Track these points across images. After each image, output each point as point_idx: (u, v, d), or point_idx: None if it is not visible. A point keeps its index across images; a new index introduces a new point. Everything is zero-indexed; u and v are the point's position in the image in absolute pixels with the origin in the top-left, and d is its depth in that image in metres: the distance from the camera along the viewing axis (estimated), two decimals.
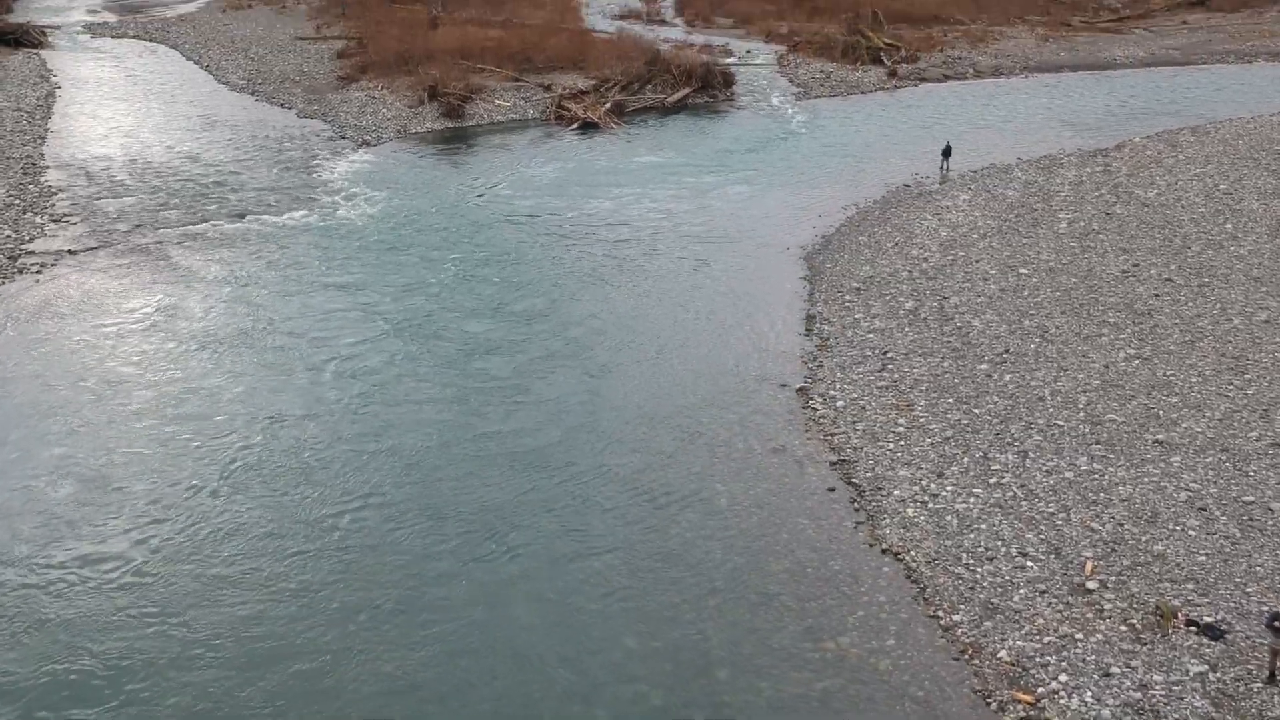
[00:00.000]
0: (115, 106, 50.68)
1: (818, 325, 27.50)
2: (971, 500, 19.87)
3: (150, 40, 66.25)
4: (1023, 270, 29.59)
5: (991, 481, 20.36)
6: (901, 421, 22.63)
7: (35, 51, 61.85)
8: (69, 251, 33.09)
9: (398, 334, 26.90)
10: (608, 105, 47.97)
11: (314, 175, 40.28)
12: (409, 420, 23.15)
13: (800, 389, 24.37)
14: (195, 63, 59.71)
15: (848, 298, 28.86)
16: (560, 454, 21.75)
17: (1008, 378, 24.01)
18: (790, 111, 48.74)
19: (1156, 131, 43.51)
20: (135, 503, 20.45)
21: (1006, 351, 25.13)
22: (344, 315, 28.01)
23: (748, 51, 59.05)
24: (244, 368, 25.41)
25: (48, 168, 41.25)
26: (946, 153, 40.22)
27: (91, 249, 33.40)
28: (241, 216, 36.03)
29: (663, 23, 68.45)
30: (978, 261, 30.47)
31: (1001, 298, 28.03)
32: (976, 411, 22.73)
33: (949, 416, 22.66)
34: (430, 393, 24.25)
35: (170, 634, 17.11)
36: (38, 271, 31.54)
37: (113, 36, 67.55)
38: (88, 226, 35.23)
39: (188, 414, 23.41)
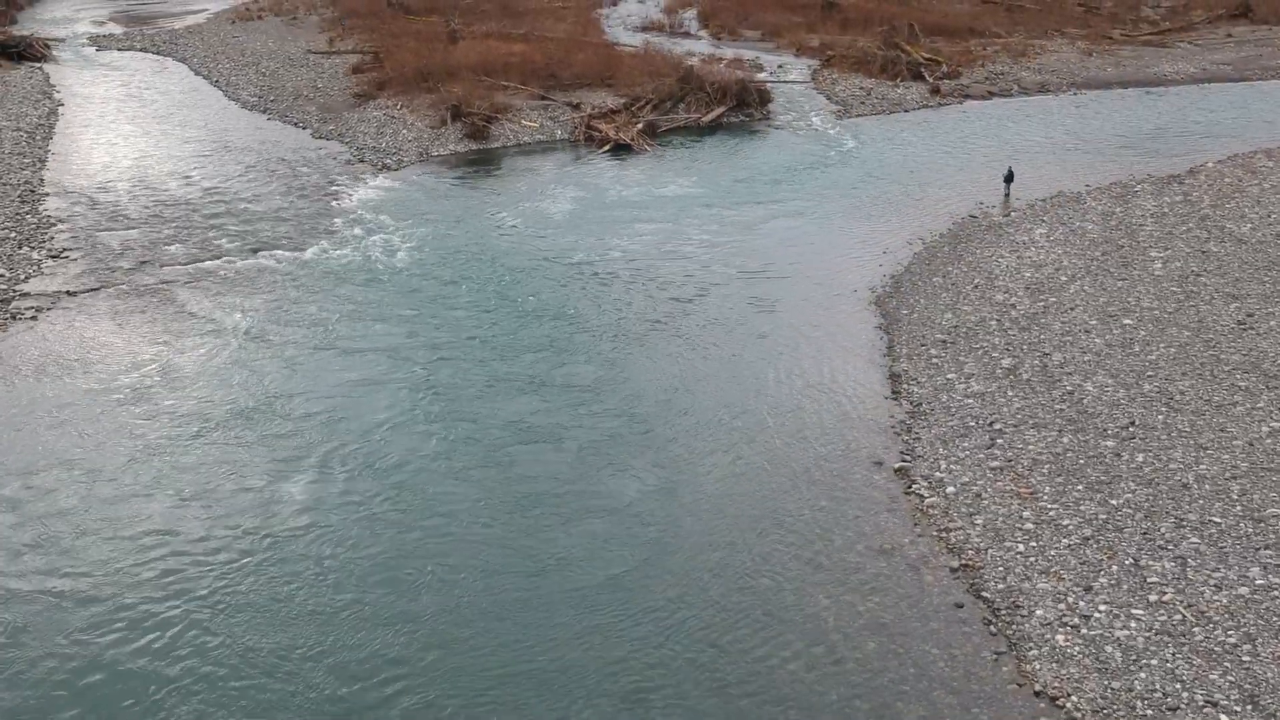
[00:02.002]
0: (120, 126, 47.04)
1: (905, 386, 23.89)
2: (1133, 625, 16.26)
3: (158, 53, 62.58)
4: (1127, 321, 25.96)
5: (1152, 599, 16.75)
6: (1026, 514, 19.02)
7: (38, 65, 58.20)
8: (67, 293, 29.51)
9: (425, 414, 22.81)
10: (640, 125, 44.33)
11: (332, 204, 36.64)
12: (440, 543, 18.74)
13: (899, 469, 20.77)
14: (204, 77, 56.05)
15: (933, 352, 25.24)
16: (634, 584, 17.72)
17: (1140, 458, 20.38)
18: (832, 132, 45.08)
19: (1228, 155, 39.84)
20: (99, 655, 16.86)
21: (1132, 424, 21.51)
22: (363, 387, 24.00)
23: (779, 66, 55.40)
24: (246, 457, 21.39)
25: (47, 195, 37.65)
26: (1009, 178, 36.74)
27: (91, 290, 29.81)
28: (255, 252, 32.41)
29: (686, 35, 64.78)
30: (1073, 309, 26.85)
31: (1110, 355, 24.41)
32: (1113, 503, 19.10)
33: (1082, 509, 19.03)
34: (467, 500, 19.95)
35: None
36: (32, 318, 27.97)
37: (119, 49, 63.86)
38: (88, 263, 31.62)
39: (173, 528, 19.23)
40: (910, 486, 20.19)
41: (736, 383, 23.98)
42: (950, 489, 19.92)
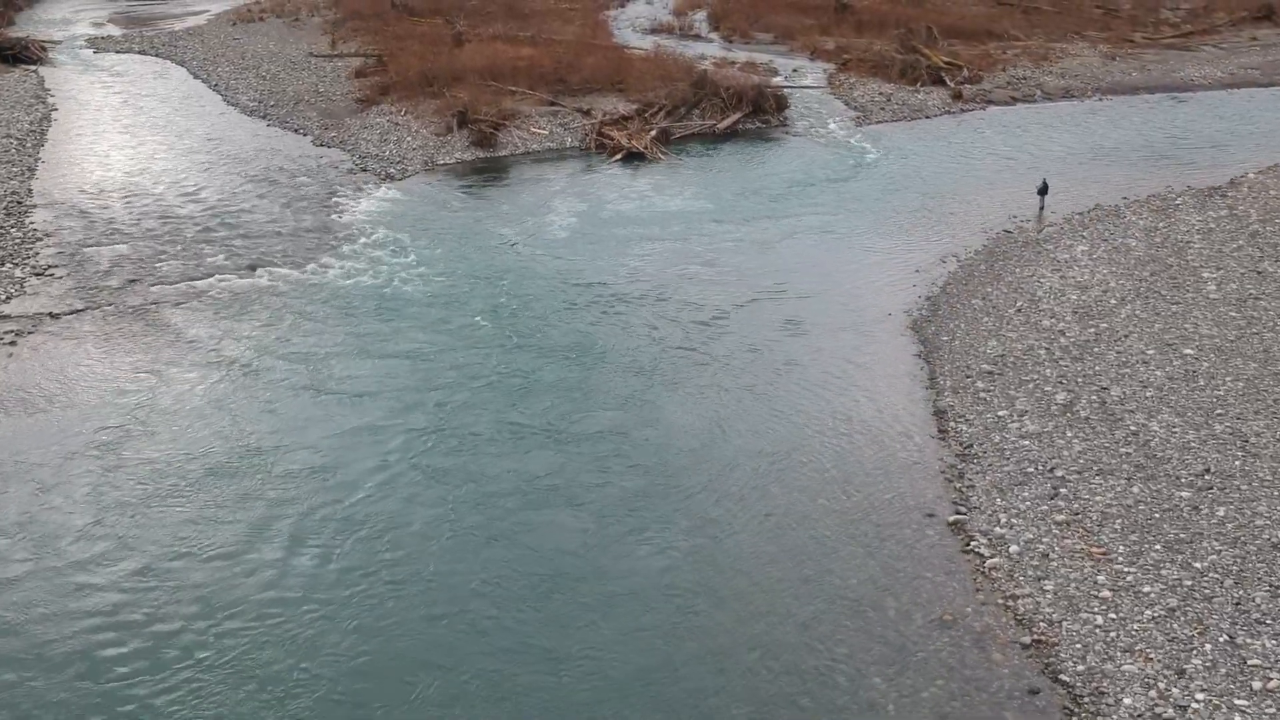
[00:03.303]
0: (115, 132, 44.87)
1: (952, 424, 21.71)
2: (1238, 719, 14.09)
3: (157, 55, 60.38)
4: (1187, 351, 23.77)
5: (1255, 687, 14.57)
6: (1101, 579, 16.85)
7: (34, 68, 56.04)
8: (50, 315, 27.36)
9: (426, 472, 19.92)
10: (653, 133, 42.13)
11: (333, 217, 34.46)
12: (439, 638, 15.93)
13: (954, 522, 18.60)
14: (203, 81, 53.85)
15: (980, 385, 23.07)
16: (666, 676, 15.27)
17: (1221, 512, 18.20)
18: (853, 139, 42.87)
19: (1269, 165, 37.62)
20: None
21: (1207, 471, 19.32)
22: (356, 437, 21.24)
23: (794, 70, 53.18)
24: (218, 522, 18.66)
25: (35, 206, 35.48)
26: (1043, 190, 34.54)
27: (76, 311, 27.65)
28: (250, 270, 30.22)
29: (697, 37, 62.53)
30: (1127, 337, 24.67)
31: (1173, 389, 22.22)
32: (1198, 566, 16.92)
33: (1163, 573, 16.86)
34: (472, 580, 17.12)
35: None
36: (10, 343, 25.80)
37: (117, 51, 61.67)
38: (74, 281, 29.46)
39: (124, 611, 16.69)
40: (968, 544, 18.03)
41: (768, 423, 21.76)
42: (1013, 547, 17.75)
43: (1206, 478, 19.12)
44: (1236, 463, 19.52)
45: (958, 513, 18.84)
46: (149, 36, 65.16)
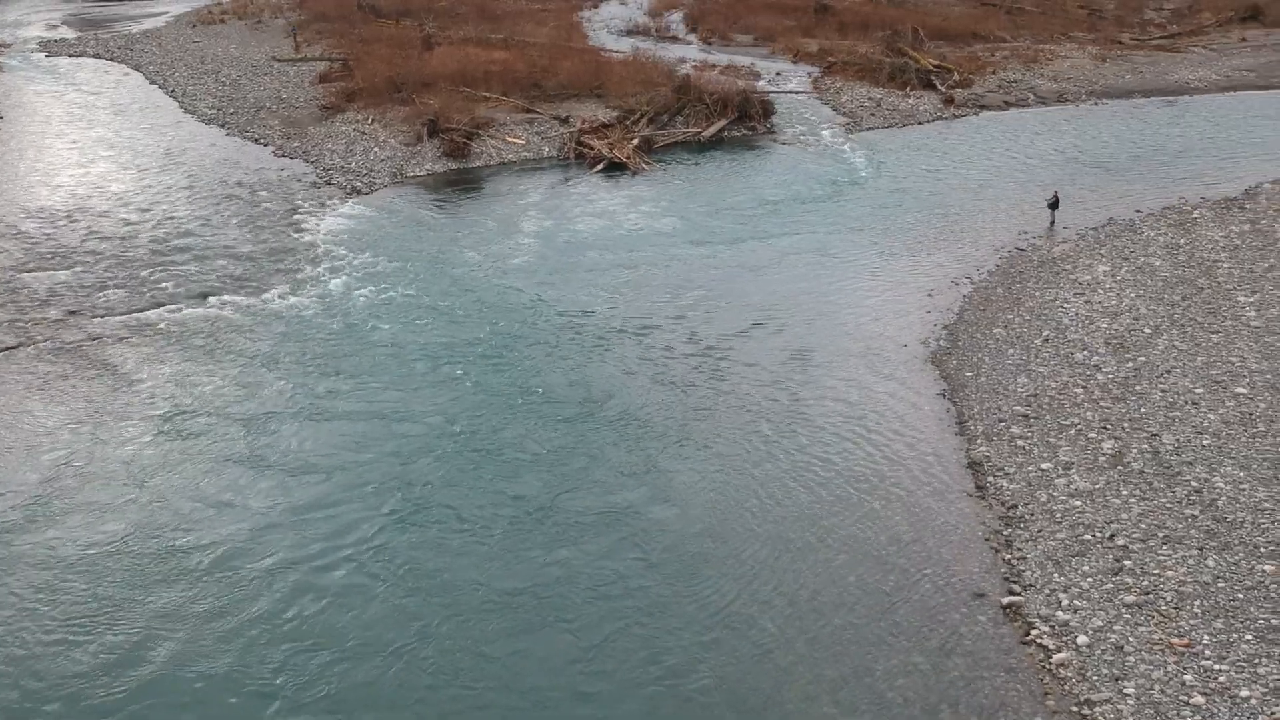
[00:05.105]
0: (63, 143, 41.55)
1: (990, 479, 19.04)
2: None
3: (112, 60, 56.86)
4: (1239, 389, 21.20)
5: None
6: (1189, 679, 14.20)
7: None
8: None
9: (388, 576, 16.36)
10: (635, 141, 39.26)
11: (294, 236, 31.40)
12: None
13: (1008, 605, 15.90)
14: (160, 86, 50.47)
15: (1015, 430, 20.40)
16: None
17: None
18: (845, 148, 40.18)
19: None
20: None
21: None
22: (308, 520, 17.82)
23: (777, 74, 50.42)
24: (173, 608, 16.01)
25: None
26: (1054, 204, 32.03)
27: (8, 349, 24.53)
28: (204, 298, 27.17)
29: (675, 39, 59.69)
30: (1169, 372, 22.09)
31: (1230, 435, 19.64)
32: None
33: (1260, 671, 14.23)
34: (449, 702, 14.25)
35: None
36: None
37: (71, 55, 58.08)
38: (7, 314, 26.39)
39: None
40: (1028, 633, 15.34)
41: (785, 485, 18.92)
42: (1081, 638, 15.07)
43: None
44: None
45: (1011, 592, 16.16)
46: (104, 39, 61.57)
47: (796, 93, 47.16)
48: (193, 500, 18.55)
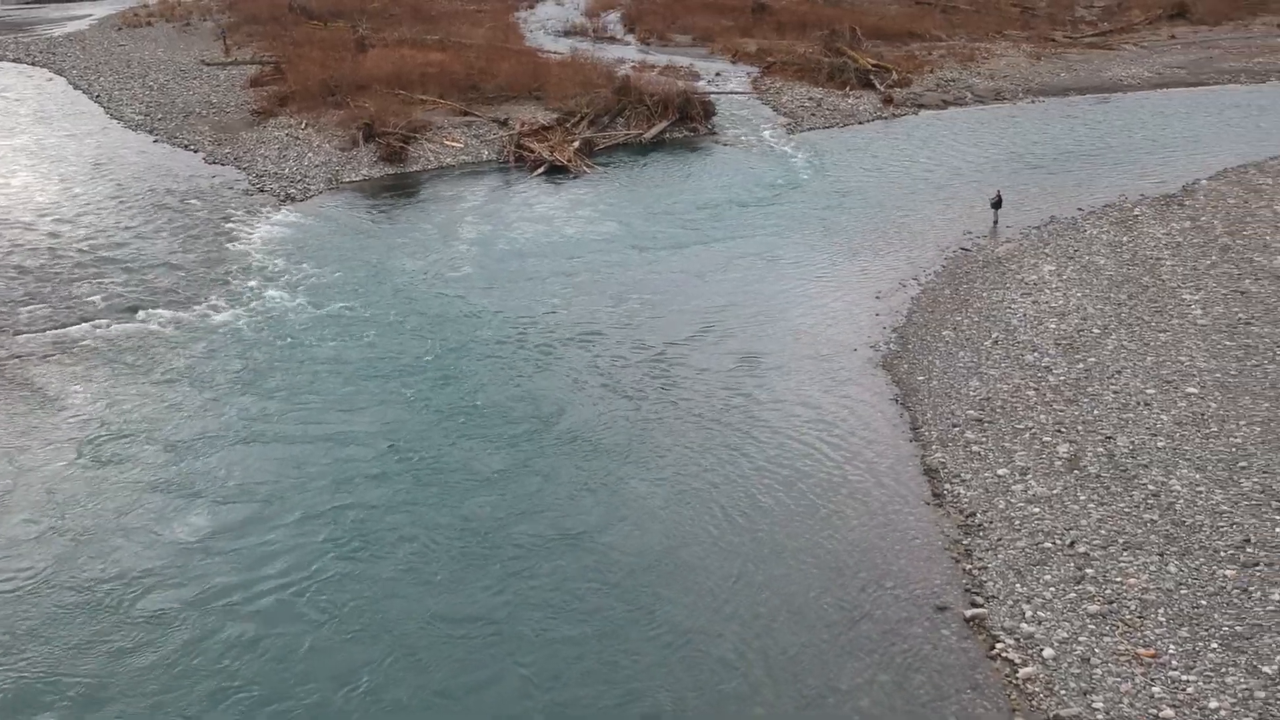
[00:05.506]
0: None
1: (947, 486, 18.67)
2: None
3: (34, 64, 55.12)
4: (1189, 389, 21.06)
5: None
6: (1157, 690, 13.88)
7: None
8: None
9: (322, 620, 15.28)
10: (576, 144, 38.59)
11: (227, 246, 30.33)
12: None
13: (972, 618, 15.50)
14: (85, 92, 48.89)
15: (970, 436, 20.07)
16: None
17: (1276, 595, 15.37)
18: (786, 148, 39.86)
19: (1218, 171, 35.52)
20: None
21: (1247, 541, 16.52)
22: (254, 536, 17.02)
23: (717, 74, 50.01)
24: (91, 647, 15.05)
25: None
26: (996, 203, 31.90)
27: None
28: (132, 312, 26.06)
29: (613, 40, 59.13)
30: (1119, 373, 21.91)
31: (1184, 437, 19.45)
32: (1267, 671, 14.04)
33: (1228, 680, 13.95)
34: None
35: None
36: None
37: None
38: None
39: None
40: (993, 646, 14.94)
41: (741, 498, 18.35)
42: (1047, 650, 14.70)
43: (1249, 550, 16.31)
44: (1278, 529, 16.74)
45: (974, 604, 15.77)
46: (25, 43, 59.60)
47: (737, 93, 46.80)
48: (118, 531, 17.56)
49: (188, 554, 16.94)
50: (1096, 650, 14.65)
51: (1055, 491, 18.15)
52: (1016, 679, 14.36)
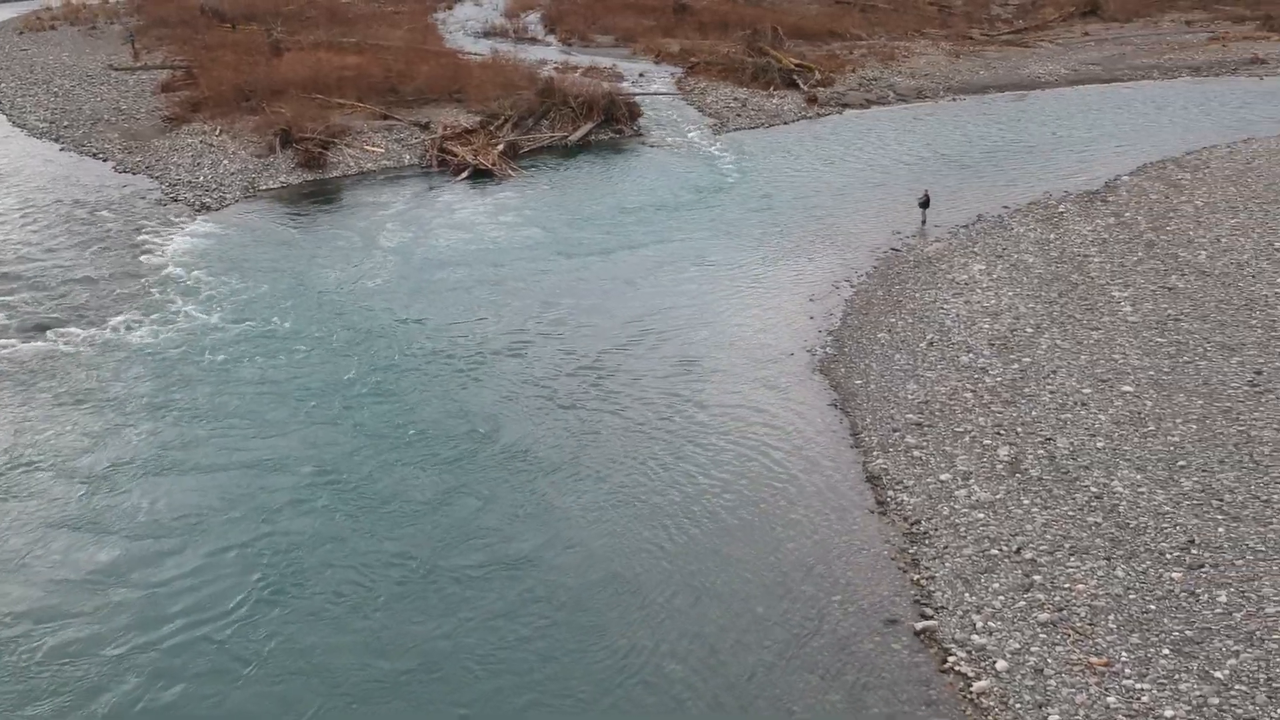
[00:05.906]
0: None
1: (890, 494, 18.36)
2: None
3: None
4: (1125, 388, 21.02)
5: None
6: (1112, 700, 13.65)
7: None
8: None
9: (262, 645, 14.67)
10: (500, 147, 37.80)
11: (140, 259, 29.09)
12: None
13: (922, 630, 15.15)
14: None
15: (911, 440, 19.79)
16: None
17: (1223, 597, 15.26)
18: (713, 149, 39.51)
19: (1137, 166, 35.91)
20: None
21: (1191, 543, 16.41)
22: (175, 576, 16.07)
23: (640, 75, 49.53)
24: None
25: None
26: (924, 203, 31.83)
27: None
28: (41, 330, 24.81)
29: (534, 41, 58.36)
30: (1054, 373, 21.81)
31: (1123, 437, 19.36)
32: (1218, 676, 13.87)
33: (1181, 687, 13.75)
34: None
35: None
36: None
37: None
38: None
39: None
40: (945, 660, 14.60)
41: (682, 512, 17.87)
42: (1000, 663, 14.40)
43: (1194, 552, 16.19)
44: (1220, 529, 16.66)
45: (924, 616, 15.43)
46: None
47: (661, 94, 46.36)
48: (22, 573, 16.47)
49: (95, 593, 15.92)
50: (1049, 661, 14.38)
51: (999, 496, 17.92)
52: (971, 694, 14.04)
